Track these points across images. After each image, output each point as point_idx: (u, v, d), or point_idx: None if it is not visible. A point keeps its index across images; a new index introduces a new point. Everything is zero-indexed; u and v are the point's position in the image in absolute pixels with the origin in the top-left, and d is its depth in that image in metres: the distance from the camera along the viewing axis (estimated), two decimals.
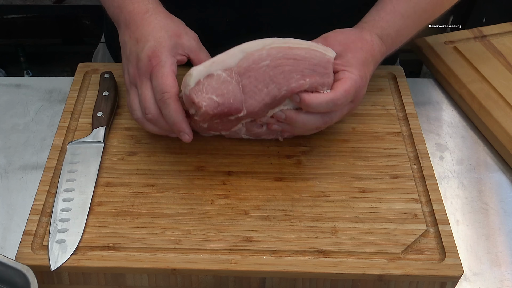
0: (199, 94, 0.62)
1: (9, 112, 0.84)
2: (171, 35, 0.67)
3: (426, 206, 0.67)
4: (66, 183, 0.68)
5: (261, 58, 0.63)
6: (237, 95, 0.63)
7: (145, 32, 0.67)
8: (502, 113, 0.80)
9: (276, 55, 0.63)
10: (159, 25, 0.68)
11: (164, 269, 0.61)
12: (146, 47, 0.66)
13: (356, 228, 0.64)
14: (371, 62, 0.70)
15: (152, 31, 0.67)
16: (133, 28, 0.68)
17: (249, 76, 0.63)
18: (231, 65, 0.63)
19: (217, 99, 0.62)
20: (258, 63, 0.63)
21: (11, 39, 1.80)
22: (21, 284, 0.57)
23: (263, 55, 0.63)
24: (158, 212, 0.66)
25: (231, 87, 0.63)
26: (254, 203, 0.67)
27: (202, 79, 0.62)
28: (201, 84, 0.62)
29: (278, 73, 0.64)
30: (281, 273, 0.61)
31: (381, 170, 0.70)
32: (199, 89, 0.62)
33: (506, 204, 0.72)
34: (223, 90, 0.62)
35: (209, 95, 0.62)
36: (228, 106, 0.63)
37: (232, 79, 0.63)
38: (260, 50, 0.63)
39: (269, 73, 0.63)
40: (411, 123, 0.76)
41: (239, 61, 0.63)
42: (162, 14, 0.70)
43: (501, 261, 0.66)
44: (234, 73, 0.63)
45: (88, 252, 0.62)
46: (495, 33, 0.93)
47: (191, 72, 0.62)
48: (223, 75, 0.62)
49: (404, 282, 0.61)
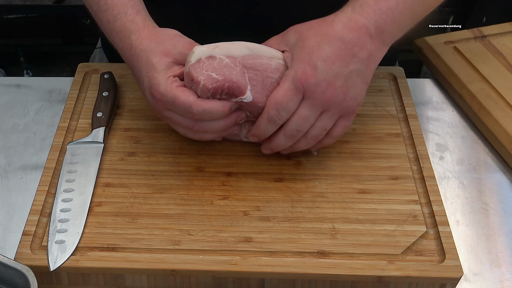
0: (198, 70, 0.62)
1: (9, 112, 0.83)
2: (158, 60, 0.65)
3: (426, 208, 0.67)
4: (66, 183, 0.68)
5: (269, 68, 0.63)
6: (240, 78, 0.62)
7: (137, 71, 0.67)
8: (502, 113, 0.80)
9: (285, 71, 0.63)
10: (145, 56, 0.65)
11: (163, 269, 0.61)
12: (146, 83, 0.65)
13: (355, 229, 0.64)
14: (328, 42, 0.61)
15: (142, 68, 0.66)
16: (130, 67, 0.69)
17: (255, 73, 0.63)
18: (235, 54, 0.62)
19: (216, 76, 0.62)
20: (265, 70, 0.63)
21: (11, 39, 1.80)
22: (21, 284, 0.57)
23: (272, 66, 0.63)
24: (157, 212, 0.66)
25: (235, 72, 0.62)
26: (253, 204, 0.67)
27: (203, 58, 0.62)
28: (202, 62, 0.62)
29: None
30: (280, 274, 0.61)
31: (381, 171, 0.70)
32: (199, 66, 0.62)
33: (506, 204, 0.72)
34: (225, 72, 0.62)
35: (208, 72, 0.62)
36: (230, 82, 0.62)
37: (236, 67, 0.62)
38: (269, 59, 0.63)
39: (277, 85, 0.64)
40: (411, 124, 0.76)
41: (244, 55, 0.62)
42: (145, 40, 0.66)
43: (501, 261, 0.66)
44: (239, 62, 0.62)
45: (87, 252, 0.62)
46: (495, 33, 0.93)
47: (193, 50, 0.63)
48: (226, 60, 0.62)
49: (403, 284, 0.61)
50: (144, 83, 0.65)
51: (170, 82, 0.63)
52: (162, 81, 0.63)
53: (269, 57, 0.63)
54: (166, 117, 0.66)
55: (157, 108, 0.65)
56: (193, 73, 0.62)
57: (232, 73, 0.62)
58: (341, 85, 0.62)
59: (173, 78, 0.64)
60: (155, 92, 0.64)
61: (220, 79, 0.62)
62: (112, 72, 0.81)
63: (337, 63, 0.61)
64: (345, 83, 0.62)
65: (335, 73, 0.61)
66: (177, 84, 0.63)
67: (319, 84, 0.61)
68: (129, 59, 0.68)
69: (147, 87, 0.65)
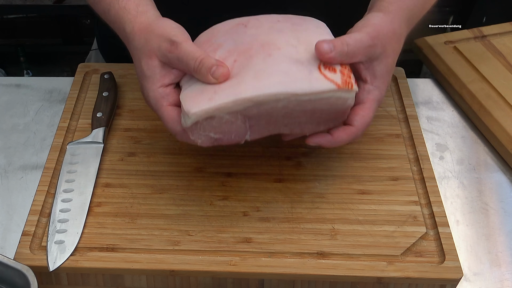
0: (195, 132, 0.57)
1: (9, 112, 0.83)
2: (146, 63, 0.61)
3: (426, 208, 0.67)
4: (65, 183, 0.68)
5: (275, 109, 0.57)
6: (240, 131, 0.59)
7: (135, 67, 0.63)
8: (502, 113, 0.80)
9: (293, 108, 0.57)
10: (137, 56, 0.62)
11: (162, 270, 0.61)
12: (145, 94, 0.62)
13: (355, 230, 0.64)
14: (396, 59, 0.63)
15: (136, 67, 0.62)
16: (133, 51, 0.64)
17: (258, 120, 0.58)
18: (238, 110, 0.56)
19: (215, 136, 0.58)
20: (270, 114, 0.57)
21: (11, 39, 1.80)
22: (21, 284, 0.57)
23: (278, 107, 0.56)
24: (157, 213, 0.66)
25: (235, 126, 0.58)
26: (253, 204, 0.67)
27: (201, 120, 0.56)
28: (199, 124, 0.56)
29: (292, 122, 0.60)
30: (280, 275, 0.61)
31: (381, 172, 0.70)
32: (196, 128, 0.57)
33: (506, 204, 0.72)
34: (225, 129, 0.58)
35: (206, 133, 0.58)
36: (228, 140, 0.59)
37: (237, 120, 0.57)
38: (275, 101, 0.55)
39: (283, 121, 0.59)
40: (412, 125, 0.76)
41: (247, 108, 0.56)
42: (137, 35, 0.62)
43: (501, 261, 0.66)
44: (240, 115, 0.56)
45: (86, 253, 0.62)
46: (495, 33, 0.93)
47: (188, 114, 0.55)
48: (226, 117, 0.56)
49: (403, 285, 0.61)
50: (142, 89, 0.62)
51: (160, 97, 0.59)
52: (151, 93, 0.60)
53: (274, 100, 0.55)
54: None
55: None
56: (190, 135, 0.58)
57: (232, 128, 0.58)
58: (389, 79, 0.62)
59: (163, 90, 0.60)
60: (146, 100, 0.61)
61: (218, 138, 0.58)
62: (112, 72, 0.81)
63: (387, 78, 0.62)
64: (389, 74, 0.62)
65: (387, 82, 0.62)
66: (167, 103, 0.59)
67: (378, 94, 0.61)
68: (129, 53, 0.65)
69: (141, 89, 0.63)
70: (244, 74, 0.56)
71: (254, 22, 0.62)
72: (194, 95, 0.56)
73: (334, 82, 0.56)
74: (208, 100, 0.55)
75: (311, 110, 0.58)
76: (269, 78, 0.55)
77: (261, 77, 0.55)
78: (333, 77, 0.56)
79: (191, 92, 0.57)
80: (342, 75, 0.57)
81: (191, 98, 0.56)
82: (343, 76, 0.57)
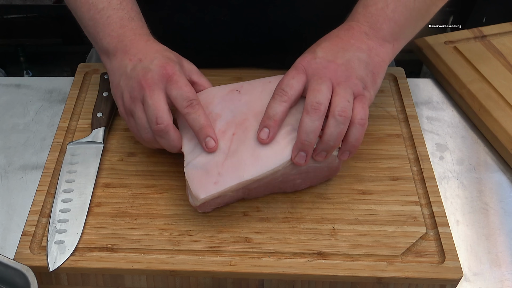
0: (202, 207, 0.63)
1: (9, 112, 0.83)
2: (174, 55, 0.67)
3: (426, 209, 0.67)
4: (65, 183, 0.68)
5: (274, 179, 0.63)
6: (239, 197, 0.65)
7: (149, 53, 0.66)
8: (502, 113, 0.80)
9: (289, 173, 0.63)
10: (162, 48, 0.67)
11: (162, 270, 0.61)
12: (156, 60, 0.64)
13: (355, 230, 0.64)
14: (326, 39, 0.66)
15: (157, 52, 0.66)
16: (134, 51, 0.66)
17: (257, 188, 0.64)
18: (240, 188, 0.62)
19: (218, 206, 0.65)
20: (269, 182, 0.63)
21: (11, 39, 1.79)
22: (21, 284, 0.57)
23: (277, 175, 0.62)
24: (157, 213, 0.66)
25: (236, 196, 0.65)
26: (253, 204, 0.67)
27: (208, 199, 0.62)
28: (207, 203, 0.62)
29: (287, 185, 0.66)
30: (279, 275, 0.61)
31: (381, 172, 0.70)
32: (203, 205, 0.63)
33: (506, 204, 0.72)
34: (227, 200, 0.65)
35: (212, 207, 0.64)
36: (226, 203, 0.66)
37: (239, 192, 0.64)
38: (274, 173, 0.62)
39: (279, 185, 0.65)
40: (412, 125, 0.76)
41: (249, 184, 0.62)
42: (160, 44, 0.69)
43: (501, 261, 0.66)
44: (242, 189, 0.63)
45: (86, 253, 0.62)
46: (495, 33, 0.93)
47: (198, 199, 0.61)
48: (230, 194, 0.63)
49: (403, 285, 0.61)
50: (155, 59, 0.65)
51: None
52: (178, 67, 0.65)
53: (274, 172, 0.62)
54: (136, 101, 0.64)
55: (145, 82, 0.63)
56: (198, 209, 0.63)
57: (233, 198, 0.65)
58: (343, 63, 0.63)
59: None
60: (169, 65, 0.64)
61: (221, 206, 0.66)
62: None
63: (335, 49, 0.64)
64: (346, 62, 0.63)
65: (334, 54, 0.64)
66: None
67: (320, 62, 0.63)
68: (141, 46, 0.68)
69: (159, 60, 0.64)
70: (242, 153, 0.62)
71: (247, 87, 0.68)
72: (200, 177, 0.62)
73: None
74: (214, 184, 0.61)
75: (306, 170, 0.64)
76: (266, 155, 0.62)
77: (259, 155, 0.62)
78: None
79: (196, 171, 0.63)
80: None
81: (198, 180, 0.62)
82: None
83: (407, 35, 0.70)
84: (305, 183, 0.67)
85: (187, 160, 0.64)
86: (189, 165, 0.63)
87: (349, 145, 0.62)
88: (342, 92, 0.61)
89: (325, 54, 0.64)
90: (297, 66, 0.63)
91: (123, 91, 0.66)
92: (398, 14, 0.67)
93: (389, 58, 0.67)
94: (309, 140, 0.60)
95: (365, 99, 0.62)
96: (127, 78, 0.65)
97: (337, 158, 0.64)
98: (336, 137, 0.61)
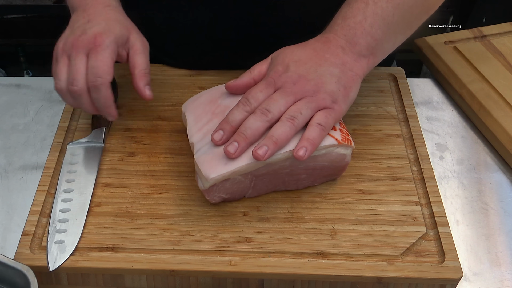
0: (211, 193, 0.64)
1: (9, 112, 0.84)
2: (122, 28, 0.69)
3: (426, 208, 0.67)
4: (66, 183, 0.68)
5: (282, 167, 0.64)
6: (245, 190, 0.65)
7: (99, 17, 0.69)
8: (502, 113, 0.80)
9: (297, 165, 0.64)
10: (115, 17, 0.70)
11: (162, 270, 0.61)
12: (96, 27, 0.68)
13: (355, 230, 0.64)
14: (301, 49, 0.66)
15: (107, 19, 0.69)
16: (90, 12, 0.70)
17: (263, 178, 0.64)
18: (250, 171, 0.63)
19: (225, 196, 0.65)
20: (276, 172, 0.64)
21: (11, 39, 1.79)
22: (21, 284, 0.57)
23: (286, 165, 0.63)
24: (157, 213, 0.66)
25: (243, 185, 0.64)
26: (253, 204, 0.67)
27: (217, 182, 0.62)
28: (215, 186, 0.63)
29: (292, 179, 0.66)
30: (279, 275, 0.61)
31: (381, 172, 0.70)
32: (212, 189, 0.63)
33: (506, 204, 0.72)
34: (234, 189, 0.64)
35: (220, 194, 0.64)
36: (233, 198, 0.66)
37: (246, 179, 0.64)
38: (283, 160, 0.62)
39: (284, 178, 0.65)
40: (412, 125, 0.76)
41: (258, 168, 0.62)
42: (121, 12, 0.72)
43: (501, 261, 0.66)
44: (251, 175, 0.63)
45: (86, 253, 0.62)
46: (495, 33, 0.93)
47: (208, 179, 0.61)
48: (239, 178, 0.63)
49: (403, 285, 0.61)
50: (97, 24, 0.68)
51: (114, 50, 0.68)
52: (113, 39, 0.68)
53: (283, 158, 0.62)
54: (69, 53, 0.67)
55: (77, 42, 0.67)
56: (205, 195, 0.64)
57: (240, 187, 0.64)
58: (313, 78, 0.64)
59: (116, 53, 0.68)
60: (100, 36, 0.67)
61: (226, 197, 0.65)
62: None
63: (308, 63, 0.65)
64: (318, 77, 0.64)
65: (307, 69, 0.64)
66: (113, 58, 0.67)
67: (291, 76, 0.64)
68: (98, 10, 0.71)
69: (98, 27, 0.68)
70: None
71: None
72: (209, 160, 0.62)
73: (335, 138, 0.64)
74: (224, 165, 0.61)
75: (313, 167, 0.65)
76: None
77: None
78: (334, 134, 0.64)
79: (206, 156, 0.63)
80: (341, 133, 0.65)
81: (207, 162, 0.62)
82: (342, 133, 0.65)
83: (385, 49, 0.70)
84: (308, 179, 0.67)
85: (197, 148, 0.64)
86: (199, 151, 0.64)
87: (304, 141, 0.62)
88: (300, 104, 0.63)
89: (297, 68, 0.64)
90: (268, 80, 0.64)
91: (62, 39, 0.70)
92: (376, 29, 0.66)
93: (363, 72, 0.67)
94: (245, 134, 0.61)
95: (331, 111, 0.63)
96: (70, 32, 0.69)
97: (344, 158, 0.65)
98: (279, 134, 0.61)
